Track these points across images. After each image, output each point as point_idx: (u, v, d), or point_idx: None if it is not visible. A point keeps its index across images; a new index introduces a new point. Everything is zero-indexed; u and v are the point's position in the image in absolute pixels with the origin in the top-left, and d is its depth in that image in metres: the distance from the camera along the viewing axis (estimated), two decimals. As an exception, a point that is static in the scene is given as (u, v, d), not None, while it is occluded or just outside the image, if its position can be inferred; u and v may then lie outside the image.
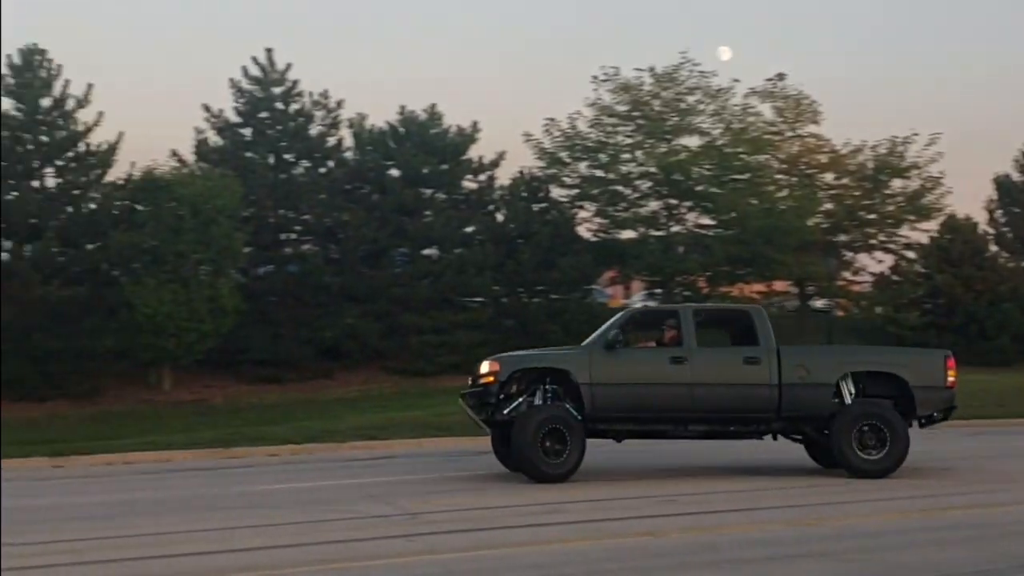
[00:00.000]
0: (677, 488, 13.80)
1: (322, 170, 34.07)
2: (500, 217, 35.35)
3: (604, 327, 15.82)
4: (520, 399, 15.01)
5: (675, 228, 35.52)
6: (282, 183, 33.20)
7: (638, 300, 44.54)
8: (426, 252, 34.24)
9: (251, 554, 9.95)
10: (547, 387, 15.06)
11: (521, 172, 35.40)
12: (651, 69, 35.32)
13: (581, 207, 35.76)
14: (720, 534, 10.69)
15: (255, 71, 33.56)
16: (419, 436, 21.16)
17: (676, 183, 34.41)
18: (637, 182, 35.26)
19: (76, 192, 30.63)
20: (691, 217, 35.85)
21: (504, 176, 35.64)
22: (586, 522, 11.42)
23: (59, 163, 30.58)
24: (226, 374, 30.95)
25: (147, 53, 73.79)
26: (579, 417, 14.74)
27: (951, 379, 15.25)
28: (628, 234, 35.89)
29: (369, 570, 9.15)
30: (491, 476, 15.94)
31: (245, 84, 33.57)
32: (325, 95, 34.10)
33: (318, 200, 33.34)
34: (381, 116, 35.41)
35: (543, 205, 35.04)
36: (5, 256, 29.94)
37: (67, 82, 30.66)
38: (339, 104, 34.20)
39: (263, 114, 33.52)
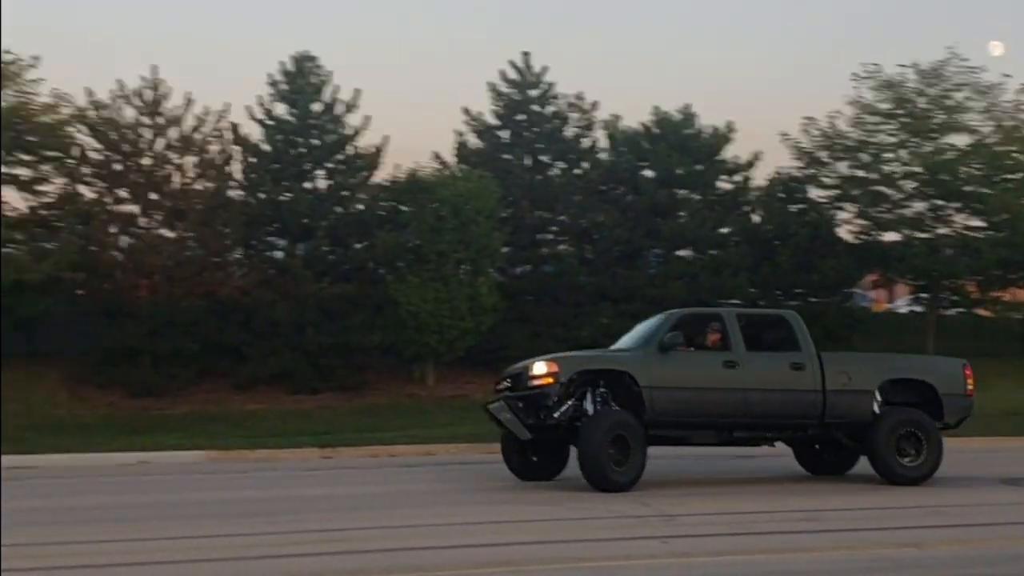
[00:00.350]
0: (939, 499, 13.39)
1: (577, 171, 34.27)
2: (756, 218, 34.77)
3: (651, 328, 15.37)
4: (568, 403, 14.48)
5: (942, 230, 34.08)
6: (538, 184, 33.67)
7: (903, 305, 43.15)
8: (680, 253, 33.99)
9: (508, 549, 10.19)
10: (599, 391, 14.61)
11: (778, 172, 34.71)
12: (915, 65, 34.07)
13: (841, 208, 34.76)
14: (989, 548, 10.30)
15: (512, 74, 34.10)
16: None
17: (943, 183, 33.03)
18: (901, 182, 34.02)
19: (345, 193, 31.72)
20: (959, 219, 34.35)
21: (760, 177, 35.07)
22: (843, 531, 11.20)
23: (329, 165, 31.73)
24: (486, 371, 31.40)
25: (411, 58, 76.39)
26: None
27: (970, 387, 15.27)
28: (891, 236, 34.70)
29: (622, 570, 9.21)
30: (744, 480, 15.85)
31: (503, 87, 34.14)
32: (580, 97, 34.29)
33: (573, 201, 33.61)
34: (635, 117, 35.55)
35: (801, 206, 34.23)
36: (279, 254, 31.53)
37: (336, 88, 31.88)
38: (594, 106, 34.33)
39: (520, 116, 34.00)
